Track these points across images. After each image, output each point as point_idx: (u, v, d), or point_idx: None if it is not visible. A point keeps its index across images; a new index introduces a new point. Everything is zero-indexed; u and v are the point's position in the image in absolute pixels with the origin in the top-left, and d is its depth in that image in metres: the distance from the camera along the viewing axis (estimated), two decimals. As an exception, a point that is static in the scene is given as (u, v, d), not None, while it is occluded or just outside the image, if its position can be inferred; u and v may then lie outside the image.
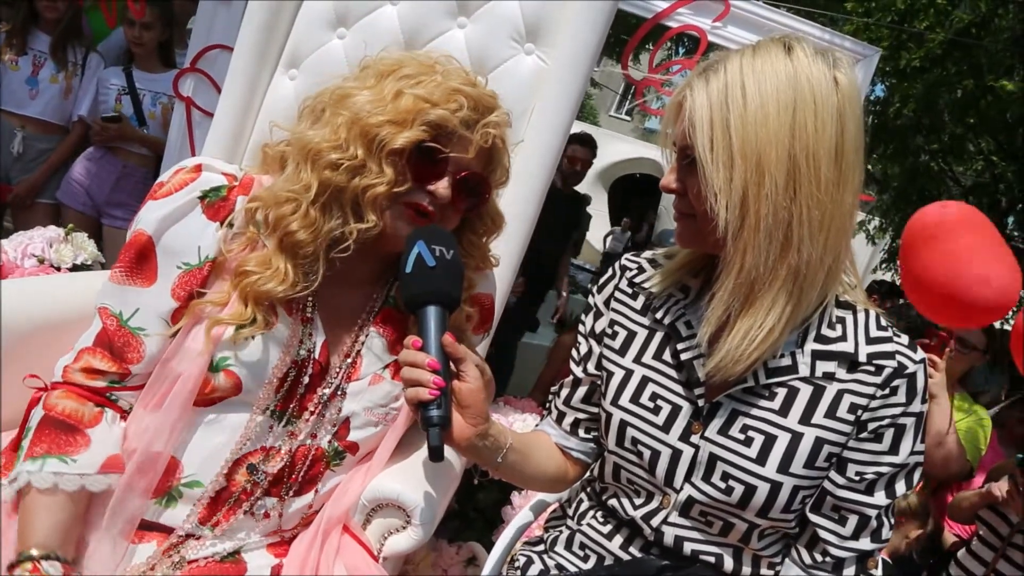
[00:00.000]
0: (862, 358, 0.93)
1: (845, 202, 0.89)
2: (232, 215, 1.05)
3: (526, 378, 3.89)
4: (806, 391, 0.94)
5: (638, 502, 1.03)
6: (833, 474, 0.95)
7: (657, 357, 1.03)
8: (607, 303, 1.11)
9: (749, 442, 0.94)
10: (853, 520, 0.95)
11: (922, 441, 0.94)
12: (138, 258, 1.04)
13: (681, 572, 0.98)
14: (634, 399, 1.02)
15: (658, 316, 1.04)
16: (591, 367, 1.12)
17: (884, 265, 8.60)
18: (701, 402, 0.97)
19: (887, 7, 5.76)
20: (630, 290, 1.09)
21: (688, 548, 0.99)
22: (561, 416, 1.16)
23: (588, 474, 1.17)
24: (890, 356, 0.93)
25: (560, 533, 1.13)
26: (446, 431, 0.92)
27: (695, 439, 0.97)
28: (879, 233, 8.76)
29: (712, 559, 0.99)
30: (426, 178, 1.03)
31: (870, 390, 0.92)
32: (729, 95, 0.86)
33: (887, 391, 0.92)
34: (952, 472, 2.41)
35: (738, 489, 0.94)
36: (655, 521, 1.00)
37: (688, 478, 0.97)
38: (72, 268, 1.95)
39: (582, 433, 1.14)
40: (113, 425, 1.04)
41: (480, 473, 1.79)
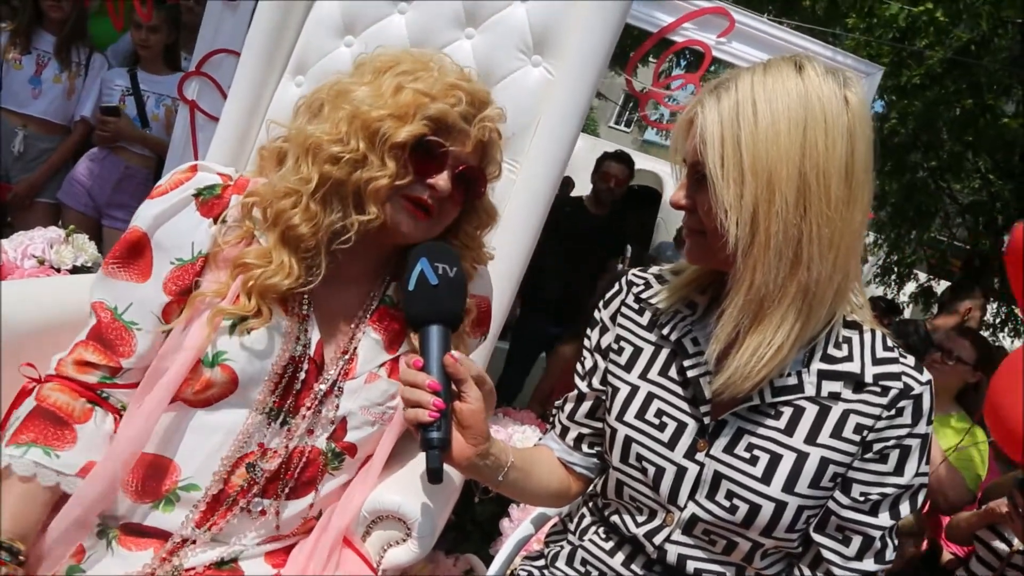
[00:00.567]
0: (868, 379, 0.93)
1: (855, 220, 0.89)
2: (226, 211, 1.05)
3: (523, 389, 3.87)
4: (812, 411, 0.94)
5: (641, 519, 1.03)
6: (838, 494, 0.95)
7: (663, 373, 1.03)
8: (613, 318, 1.11)
9: (754, 461, 0.94)
10: (857, 541, 0.95)
11: (927, 463, 0.94)
12: (132, 253, 1.05)
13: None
14: (639, 415, 1.01)
15: (665, 332, 1.04)
16: (596, 382, 1.11)
17: (877, 280, 8.62)
18: (707, 420, 0.97)
19: (888, 24, 5.80)
20: (636, 306, 1.09)
21: (691, 567, 0.99)
22: (565, 431, 1.15)
23: (591, 489, 1.16)
24: (896, 377, 0.93)
25: (561, 548, 1.12)
26: (445, 453, 0.92)
27: (700, 456, 0.97)
28: (874, 249, 8.78)
29: None
30: (427, 172, 1.04)
31: (876, 411, 0.92)
32: (740, 112, 0.87)
33: (893, 412, 0.92)
34: (952, 502, 2.40)
35: (742, 508, 0.93)
36: (658, 539, 1.00)
37: (692, 496, 0.97)
38: (72, 270, 1.94)
39: (586, 448, 1.14)
40: (101, 426, 1.03)
41: (481, 490, 1.78)
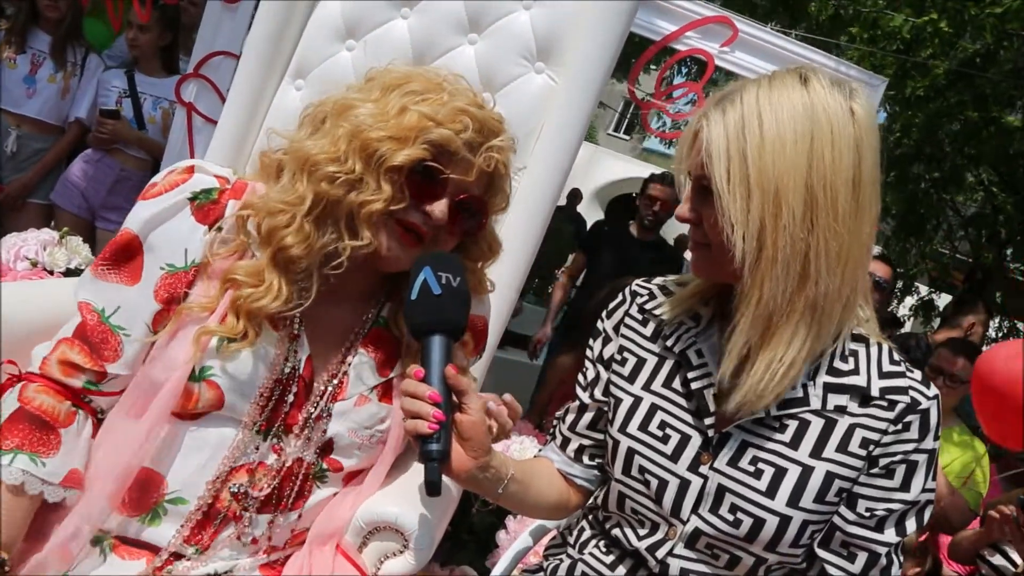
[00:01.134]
0: (875, 392, 0.93)
1: (863, 233, 0.89)
2: (222, 220, 1.04)
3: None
4: (817, 424, 0.94)
5: (643, 532, 1.02)
6: (843, 509, 0.95)
7: (667, 385, 1.03)
8: (616, 329, 1.11)
9: (759, 474, 0.94)
10: (862, 557, 0.95)
11: (934, 479, 0.94)
12: (123, 255, 1.03)
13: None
14: (642, 427, 1.01)
15: (669, 344, 1.04)
16: (598, 393, 1.11)
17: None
18: (711, 432, 0.97)
19: (892, 35, 5.83)
20: (640, 316, 1.09)
21: (693, 582, 0.98)
22: (566, 442, 1.15)
23: (591, 502, 1.16)
24: (903, 391, 0.93)
25: (560, 562, 1.12)
26: (444, 465, 0.91)
27: (704, 469, 0.97)
28: (876, 260, 8.78)
29: None
30: (424, 198, 1.02)
31: (882, 425, 0.92)
32: (746, 125, 0.87)
33: (900, 427, 0.92)
34: (955, 525, 2.38)
35: (746, 522, 0.93)
36: (660, 553, 0.99)
37: (695, 509, 0.97)
38: (66, 272, 1.94)
39: (587, 460, 1.14)
40: (82, 432, 1.03)
41: (480, 502, 1.78)
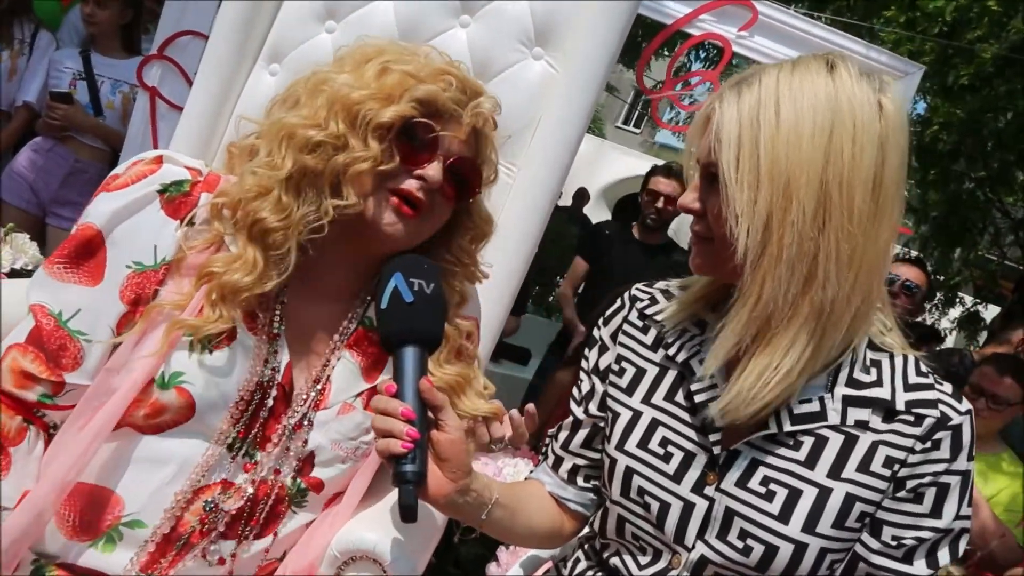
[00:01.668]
0: (900, 406, 0.94)
1: (879, 238, 0.91)
2: (194, 212, 1.05)
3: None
4: (836, 441, 0.95)
5: (644, 561, 1.03)
6: (866, 537, 0.96)
7: (669, 398, 1.04)
8: (614, 337, 1.13)
9: (770, 496, 0.95)
10: None
11: (969, 504, 0.95)
12: (82, 252, 1.03)
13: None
14: (642, 444, 1.03)
15: (671, 352, 1.05)
16: (593, 407, 1.13)
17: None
18: (717, 449, 0.98)
19: (933, 17, 5.73)
20: (640, 323, 1.11)
21: (699, 615, 0.99)
22: (558, 462, 1.17)
23: (587, 531, 1.17)
24: (932, 405, 0.94)
25: (554, 595, 1.13)
26: (420, 488, 0.93)
27: (709, 491, 0.98)
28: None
29: None
30: (415, 160, 1.05)
31: (909, 442, 0.93)
32: (762, 111, 0.89)
33: (928, 444, 0.93)
34: (1000, 564, 2.38)
35: (757, 549, 0.94)
36: (663, 583, 1.01)
37: (701, 535, 0.98)
38: (10, 273, 1.95)
39: (581, 481, 1.15)
40: (33, 450, 1.03)
41: (463, 529, 1.78)
